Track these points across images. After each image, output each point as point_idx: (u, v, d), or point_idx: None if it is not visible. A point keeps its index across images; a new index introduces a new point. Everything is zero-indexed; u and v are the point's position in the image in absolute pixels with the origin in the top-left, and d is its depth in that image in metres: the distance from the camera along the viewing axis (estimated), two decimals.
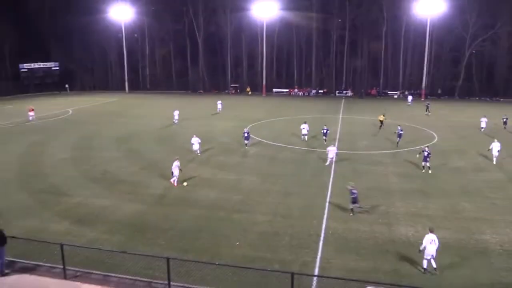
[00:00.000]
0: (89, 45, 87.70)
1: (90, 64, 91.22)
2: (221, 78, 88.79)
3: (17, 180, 26.41)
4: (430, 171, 27.51)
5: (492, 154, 30.07)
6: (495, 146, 30.04)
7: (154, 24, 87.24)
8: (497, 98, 73.75)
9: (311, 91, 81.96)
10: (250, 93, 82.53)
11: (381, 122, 42.48)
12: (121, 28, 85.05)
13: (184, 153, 32.83)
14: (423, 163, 28.02)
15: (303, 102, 70.15)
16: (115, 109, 59.88)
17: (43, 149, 34.32)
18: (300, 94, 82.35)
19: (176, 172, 24.85)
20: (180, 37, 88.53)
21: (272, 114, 53.83)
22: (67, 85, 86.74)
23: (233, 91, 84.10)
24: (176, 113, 47.08)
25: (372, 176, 27.05)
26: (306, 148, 34.31)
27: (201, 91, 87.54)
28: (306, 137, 36.97)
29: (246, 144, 34.74)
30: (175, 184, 24.88)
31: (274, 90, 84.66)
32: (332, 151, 29.25)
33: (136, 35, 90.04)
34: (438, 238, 15.72)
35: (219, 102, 56.26)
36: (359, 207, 20.75)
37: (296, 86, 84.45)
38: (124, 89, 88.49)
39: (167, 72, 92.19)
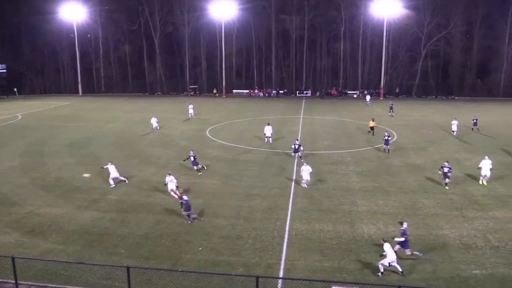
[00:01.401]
0: (39, 47, 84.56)
1: (40, 67, 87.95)
2: (180, 79, 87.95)
3: None
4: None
5: (480, 174, 25.74)
6: (486, 164, 25.45)
7: (109, 24, 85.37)
8: (452, 96, 77.03)
9: (271, 92, 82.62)
10: (217, 95, 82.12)
11: (372, 128, 40.49)
12: (73, 28, 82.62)
13: (143, 158, 32.36)
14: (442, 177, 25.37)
15: (264, 102, 70.54)
16: (67, 113, 58.02)
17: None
18: (260, 94, 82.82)
19: (170, 186, 23.49)
20: (136, 37, 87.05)
21: (232, 116, 53.79)
22: (15, 89, 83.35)
23: (192, 93, 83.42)
24: (154, 120, 43.68)
25: (333, 175, 27.54)
26: (269, 150, 34.50)
27: (159, 93, 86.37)
28: (270, 139, 37.00)
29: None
30: (176, 195, 23.36)
31: (234, 91, 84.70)
32: (306, 171, 24.85)
33: (89, 35, 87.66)
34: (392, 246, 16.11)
35: (190, 106, 52.57)
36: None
37: (256, 87, 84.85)
38: (78, 92, 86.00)
39: (123, 74, 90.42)
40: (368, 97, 67.60)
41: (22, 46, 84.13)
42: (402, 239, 16.76)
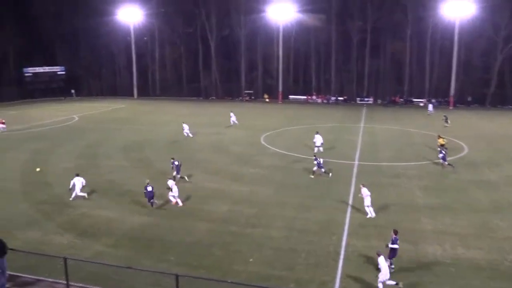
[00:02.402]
0: (97, 49, 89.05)
1: (98, 69, 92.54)
2: (235, 83, 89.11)
3: (19, 189, 26.75)
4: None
5: None
6: None
7: (165, 27, 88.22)
8: None
9: (330, 98, 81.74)
10: (267, 100, 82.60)
11: (442, 145, 35.27)
12: (130, 31, 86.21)
13: (195, 163, 33.05)
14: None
15: (322, 109, 69.97)
16: (123, 116, 60.50)
17: (46, 158, 34.74)
18: (318, 101, 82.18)
19: (174, 190, 24.12)
20: (191, 40, 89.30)
21: (288, 123, 53.76)
22: (73, 91, 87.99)
23: (247, 98, 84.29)
24: (185, 127, 44.45)
25: (395, 189, 26.74)
26: (326, 159, 34.06)
27: (213, 97, 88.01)
28: (320, 148, 36.56)
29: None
30: (179, 203, 23.99)
31: (290, 96, 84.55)
32: (366, 196, 22.57)
33: (145, 38, 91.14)
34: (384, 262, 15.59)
35: (231, 114, 52.71)
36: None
37: (314, 93, 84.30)
38: (133, 94, 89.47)
39: (178, 77, 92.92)
40: (430, 106, 64.31)
41: (80, 48, 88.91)
42: (396, 246, 16.78)
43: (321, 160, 29.89)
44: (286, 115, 62.08)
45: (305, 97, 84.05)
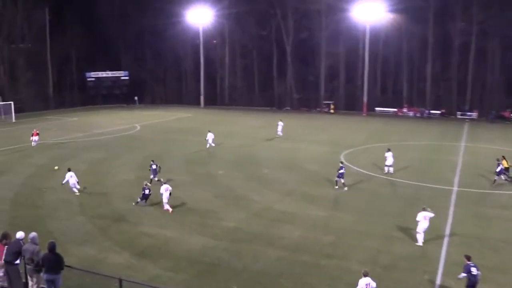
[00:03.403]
0: (162, 52, 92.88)
1: (162, 74, 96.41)
2: (313, 93, 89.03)
3: (76, 201, 28.29)
4: None
5: None
6: None
7: (236, 29, 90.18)
8: None
9: (424, 112, 79.14)
10: (332, 111, 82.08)
11: (507, 169, 33.95)
12: (199, 33, 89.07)
13: (264, 181, 33.26)
14: None
15: (414, 124, 67.90)
16: (187, 126, 62.44)
17: (105, 168, 36.54)
18: (410, 114, 79.88)
19: (166, 195, 26.40)
20: (265, 43, 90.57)
21: (373, 139, 52.66)
22: (136, 98, 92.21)
23: (325, 109, 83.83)
24: (210, 136, 45.69)
25: (503, 223, 25.19)
26: (417, 183, 32.98)
27: (288, 108, 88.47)
28: (391, 168, 35.46)
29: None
30: (169, 209, 26.25)
31: (377, 109, 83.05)
32: (423, 220, 22.02)
33: (215, 41, 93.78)
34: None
35: (279, 123, 53.36)
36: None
37: (405, 105, 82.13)
38: (199, 103, 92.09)
39: (249, 85, 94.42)
40: None
41: (146, 52, 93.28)
42: (464, 274, 16.27)
43: (343, 170, 31.34)
44: (371, 130, 60.94)
45: (394, 109, 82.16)
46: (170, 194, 26.56)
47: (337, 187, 31.36)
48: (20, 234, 15.63)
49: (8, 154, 42.81)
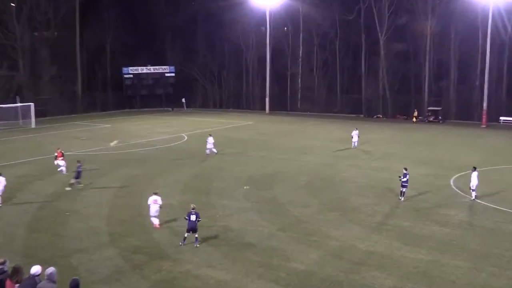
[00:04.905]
0: (218, 43, 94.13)
1: (218, 71, 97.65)
2: (414, 97, 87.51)
3: (106, 230, 28.97)
4: None
5: None
6: None
7: (314, 13, 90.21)
8: None
9: None
10: (415, 120, 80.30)
11: None
12: (265, 19, 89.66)
13: (346, 210, 32.87)
14: None
15: None
16: (248, 137, 62.94)
17: (142, 189, 37.28)
18: None
19: (154, 208, 28.52)
20: (351, 32, 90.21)
21: (497, 158, 51.13)
22: (184, 100, 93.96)
23: (431, 118, 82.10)
24: (210, 141, 50.36)
25: None
26: None
27: (379, 115, 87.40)
28: (473, 193, 35.33)
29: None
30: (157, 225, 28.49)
31: (502, 118, 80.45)
32: None
33: (286, 28, 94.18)
34: None
35: (355, 132, 55.85)
36: None
37: None
38: (264, 108, 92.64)
39: (329, 85, 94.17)
40: None
41: (197, 42, 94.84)
42: None
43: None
44: (493, 146, 59.19)
45: None
46: (160, 207, 28.56)
47: (402, 198, 35.20)
48: (35, 269, 15.94)
49: (25, 167, 44.69)
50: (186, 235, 26.33)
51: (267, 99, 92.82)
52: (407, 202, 35.39)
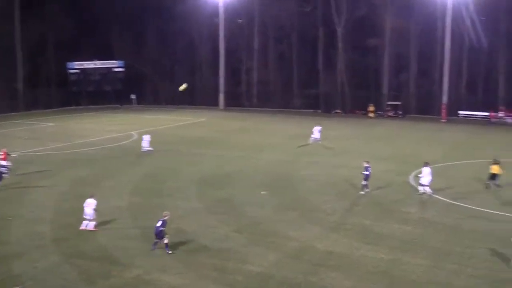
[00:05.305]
0: (169, 37, 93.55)
1: (169, 65, 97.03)
2: (373, 91, 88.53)
3: (50, 235, 28.48)
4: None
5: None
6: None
7: (269, 4, 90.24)
8: None
9: None
10: (371, 115, 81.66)
11: (494, 176, 38.57)
12: (218, 10, 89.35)
13: (305, 210, 33.07)
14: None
15: None
16: (202, 134, 62.84)
17: (89, 191, 36.76)
18: (509, 121, 78.68)
19: (89, 212, 28.46)
20: (308, 25, 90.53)
21: (456, 154, 52.16)
22: (133, 96, 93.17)
23: (390, 113, 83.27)
24: (146, 139, 50.95)
25: None
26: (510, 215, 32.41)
27: (338, 110, 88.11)
28: (427, 188, 36.02)
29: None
30: (89, 228, 28.43)
31: (461, 113, 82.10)
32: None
33: (240, 20, 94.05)
34: None
35: (317, 128, 55.85)
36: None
37: (501, 108, 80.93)
38: (218, 104, 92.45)
39: (285, 80, 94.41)
40: None
41: (147, 36, 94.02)
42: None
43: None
44: (453, 141, 60.28)
45: (486, 114, 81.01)
46: (95, 210, 28.54)
47: (362, 192, 36.57)
48: None
49: None
50: (155, 240, 26.23)
51: (221, 95, 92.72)
52: (367, 199, 35.81)
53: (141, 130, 64.73)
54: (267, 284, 22.86)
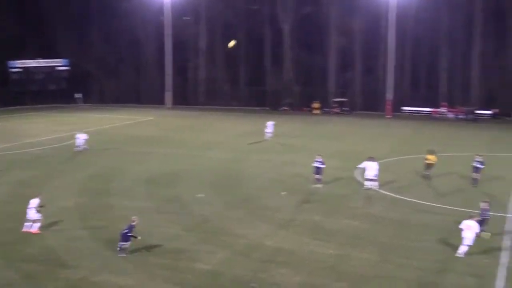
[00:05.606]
0: (115, 35, 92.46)
1: (115, 64, 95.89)
2: (320, 88, 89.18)
3: None
4: None
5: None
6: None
7: (216, 2, 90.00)
8: None
9: (470, 112, 79.57)
10: (316, 111, 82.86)
11: (429, 165, 41.16)
12: (163, 8, 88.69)
13: (253, 208, 33.15)
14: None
15: (456, 129, 68.46)
16: (149, 133, 62.31)
17: (34, 192, 36.02)
18: (450, 116, 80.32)
19: (32, 214, 27.83)
20: (255, 22, 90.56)
21: (401, 149, 53.04)
22: (79, 95, 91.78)
23: (337, 110, 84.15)
24: (81, 137, 50.61)
25: None
26: (459, 208, 32.97)
27: (285, 107, 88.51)
28: (375, 183, 36.81)
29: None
30: (32, 230, 27.87)
31: (404, 108, 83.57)
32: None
33: (187, 18, 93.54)
34: None
35: (270, 123, 57.20)
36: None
37: (443, 103, 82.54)
38: (164, 102, 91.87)
39: (233, 78, 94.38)
40: None
41: (92, 33, 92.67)
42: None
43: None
44: (397, 137, 61.33)
45: (428, 109, 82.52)
46: (38, 211, 27.94)
47: (318, 185, 37.71)
48: None
49: None
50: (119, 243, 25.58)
51: (168, 93, 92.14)
52: (316, 196, 36.11)
53: (88, 129, 63.86)
54: (217, 282, 22.84)
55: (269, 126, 56.56)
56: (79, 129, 54.52)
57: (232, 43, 31.54)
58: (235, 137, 60.19)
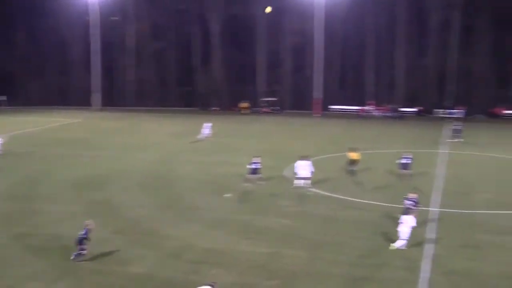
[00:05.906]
0: (40, 34, 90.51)
1: (41, 64, 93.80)
2: (250, 88, 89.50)
3: None
4: None
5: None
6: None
7: (145, 2, 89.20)
8: None
9: (395, 110, 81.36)
10: (244, 111, 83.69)
11: (353, 162, 42.68)
12: (91, 7, 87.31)
13: (183, 209, 32.99)
14: None
15: (383, 126, 69.90)
16: (76, 136, 61.20)
17: None
18: (376, 114, 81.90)
19: None
20: (184, 21, 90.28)
21: (329, 147, 53.83)
22: (3, 97, 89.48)
23: (266, 109, 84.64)
24: None
25: (499, 252, 26.11)
26: (385, 204, 33.72)
27: (216, 108, 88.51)
28: (307, 182, 37.35)
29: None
30: None
31: (332, 107, 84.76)
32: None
33: (114, 18, 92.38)
34: None
35: (207, 125, 57.63)
36: None
37: (370, 102, 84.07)
38: (93, 104, 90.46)
39: (162, 78, 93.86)
40: None
41: (17, 33, 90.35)
42: None
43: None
44: (325, 135, 62.32)
45: (356, 108, 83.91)
46: None
47: (261, 183, 37.83)
48: None
49: None
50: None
51: (96, 94, 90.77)
52: (246, 195, 36.25)
53: (12, 133, 62.27)
54: (148, 285, 22.60)
55: (206, 128, 56.58)
56: (1, 132, 53.00)
57: (269, 9, 31.70)
58: (164, 138, 59.94)
